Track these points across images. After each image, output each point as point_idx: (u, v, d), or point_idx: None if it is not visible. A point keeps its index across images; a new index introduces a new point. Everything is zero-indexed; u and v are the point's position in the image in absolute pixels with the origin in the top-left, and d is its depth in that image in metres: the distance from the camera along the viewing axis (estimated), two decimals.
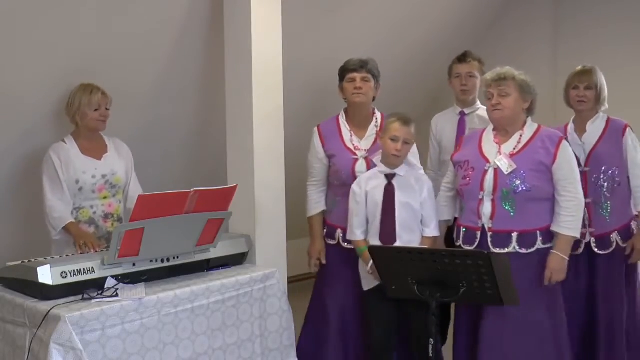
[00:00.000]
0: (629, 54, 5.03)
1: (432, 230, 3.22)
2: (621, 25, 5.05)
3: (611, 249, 3.44)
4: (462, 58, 3.80)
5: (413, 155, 3.37)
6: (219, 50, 3.58)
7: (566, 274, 3.09)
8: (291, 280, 3.70)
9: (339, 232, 3.48)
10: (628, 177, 3.47)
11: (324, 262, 3.55)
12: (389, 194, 3.19)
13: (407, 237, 3.17)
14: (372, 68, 3.48)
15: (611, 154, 3.44)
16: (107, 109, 3.37)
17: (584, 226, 3.26)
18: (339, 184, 3.50)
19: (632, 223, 3.47)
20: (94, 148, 3.40)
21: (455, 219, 3.33)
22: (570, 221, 3.03)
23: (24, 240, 3.70)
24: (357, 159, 3.45)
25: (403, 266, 2.77)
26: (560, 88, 3.66)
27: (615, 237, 3.44)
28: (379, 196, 3.20)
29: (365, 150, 3.46)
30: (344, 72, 3.50)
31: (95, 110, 3.32)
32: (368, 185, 3.24)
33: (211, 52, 3.77)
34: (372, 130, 3.51)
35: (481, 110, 3.76)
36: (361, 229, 3.25)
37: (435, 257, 2.71)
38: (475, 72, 3.77)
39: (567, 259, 3.04)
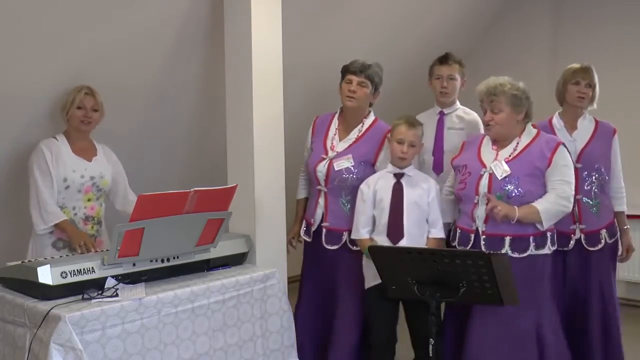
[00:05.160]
0: (629, 54, 5.04)
1: (438, 232, 3.24)
2: (621, 26, 5.07)
3: (600, 246, 3.50)
4: (444, 60, 3.74)
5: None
6: (219, 51, 3.58)
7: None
8: (291, 280, 3.70)
9: (304, 224, 3.58)
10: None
11: (294, 245, 3.67)
12: (397, 192, 3.22)
13: (414, 235, 3.18)
14: (373, 74, 3.44)
15: (602, 153, 3.52)
16: (95, 110, 3.34)
17: (573, 222, 3.43)
18: (310, 179, 3.58)
19: (615, 222, 3.56)
20: (85, 149, 3.39)
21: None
22: (547, 200, 3.02)
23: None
24: (323, 159, 3.47)
25: (403, 266, 2.77)
26: None
27: (604, 234, 3.51)
28: (387, 194, 3.22)
29: (337, 152, 3.46)
30: (345, 71, 3.49)
31: (79, 108, 3.30)
32: (377, 185, 3.26)
33: (211, 52, 3.77)
34: (354, 134, 3.49)
35: (460, 110, 3.78)
36: (366, 228, 3.27)
37: (435, 257, 2.71)
38: (455, 75, 3.73)
39: (516, 217, 2.99)
